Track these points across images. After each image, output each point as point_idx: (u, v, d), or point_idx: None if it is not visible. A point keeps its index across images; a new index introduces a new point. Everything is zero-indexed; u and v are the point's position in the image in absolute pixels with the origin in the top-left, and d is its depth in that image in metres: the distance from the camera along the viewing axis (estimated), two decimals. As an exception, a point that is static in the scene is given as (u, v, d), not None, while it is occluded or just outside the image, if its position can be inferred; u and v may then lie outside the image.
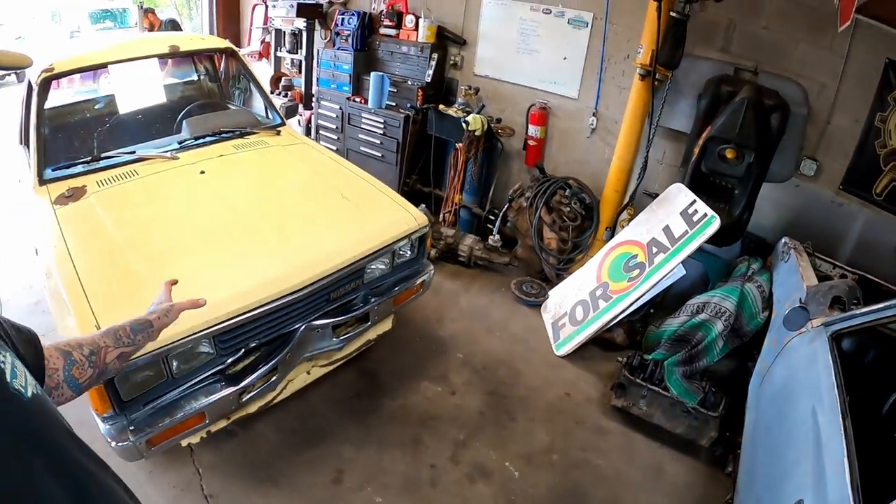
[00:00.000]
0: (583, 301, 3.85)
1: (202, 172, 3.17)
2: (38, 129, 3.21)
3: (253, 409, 2.71)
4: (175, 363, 2.30)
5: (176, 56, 3.90)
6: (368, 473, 2.81)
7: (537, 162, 4.59)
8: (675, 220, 3.58)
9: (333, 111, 5.29)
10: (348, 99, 5.18)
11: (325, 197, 3.14)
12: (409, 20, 4.93)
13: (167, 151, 3.30)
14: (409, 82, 4.98)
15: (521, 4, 4.59)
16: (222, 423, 2.65)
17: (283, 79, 5.85)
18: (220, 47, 4.06)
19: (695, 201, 3.50)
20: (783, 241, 3.43)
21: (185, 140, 3.46)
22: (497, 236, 4.46)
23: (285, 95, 5.67)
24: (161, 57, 3.83)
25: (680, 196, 3.66)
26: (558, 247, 4.25)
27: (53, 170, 3.14)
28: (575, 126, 4.58)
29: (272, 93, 4.99)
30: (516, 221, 4.41)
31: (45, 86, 3.28)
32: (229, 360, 2.49)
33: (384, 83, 4.89)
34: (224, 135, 3.55)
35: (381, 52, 5.20)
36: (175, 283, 1.56)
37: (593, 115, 4.44)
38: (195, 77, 4.57)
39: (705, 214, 3.38)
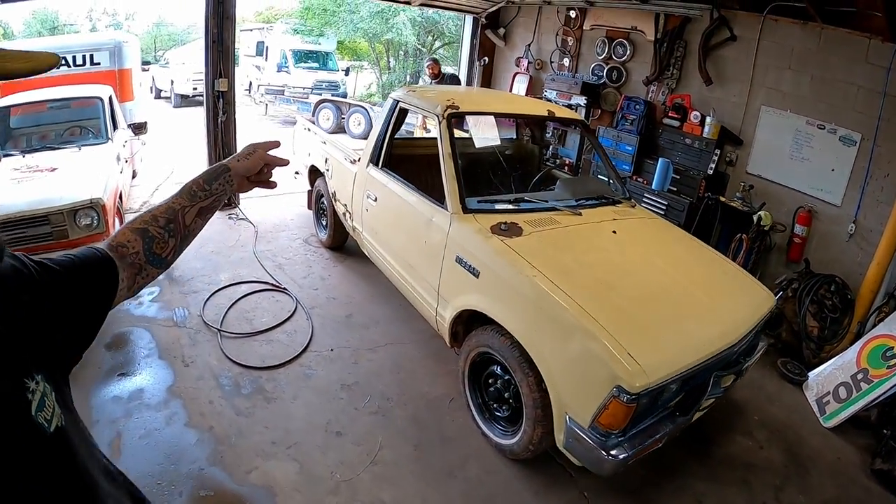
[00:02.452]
0: (845, 383, 4.37)
1: (614, 232, 3.64)
2: (454, 159, 3.58)
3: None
4: (662, 395, 2.69)
5: (552, 120, 4.50)
6: (720, 506, 3.32)
7: (805, 257, 5.20)
8: (928, 321, 4.14)
9: (612, 186, 5.95)
10: (630, 178, 5.84)
11: (710, 268, 3.67)
12: (694, 116, 5.65)
13: (570, 207, 3.77)
14: (693, 172, 5.63)
15: (798, 118, 5.29)
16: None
17: (550, 147, 6.57)
18: (576, 119, 4.60)
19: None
20: None
21: (580, 199, 3.93)
22: (766, 320, 5.03)
23: (554, 163, 6.35)
24: (541, 119, 4.45)
25: (930, 301, 4.24)
26: (818, 334, 4.84)
27: (478, 202, 3.54)
28: (834, 230, 5.18)
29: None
30: (783, 308, 5.00)
31: (450, 120, 3.72)
32: (676, 398, 2.87)
33: (669, 169, 5.55)
34: (603, 200, 4.05)
35: (663, 139, 5.90)
36: (278, 144, 1.38)
37: (853, 222, 5.02)
38: (513, 136, 5.26)
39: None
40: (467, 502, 3.02)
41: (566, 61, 7.40)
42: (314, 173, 5.90)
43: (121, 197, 5.19)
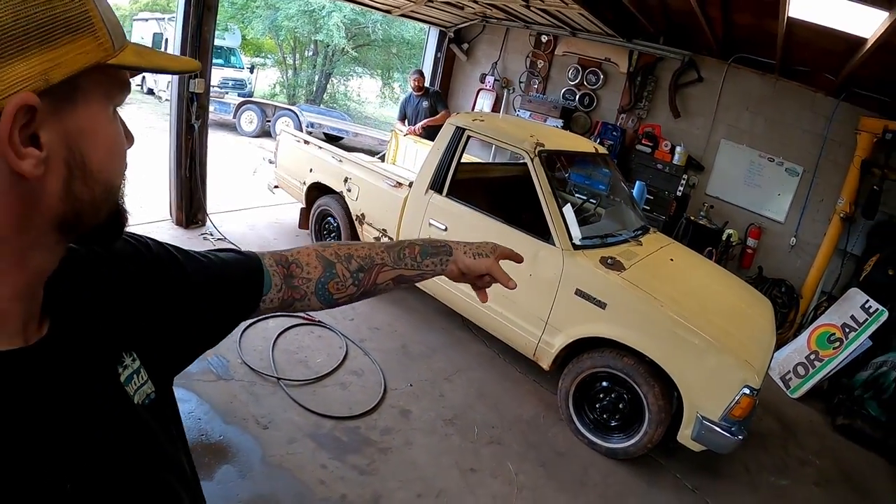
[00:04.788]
0: (802, 362, 5.43)
1: (671, 260, 4.25)
2: (556, 197, 3.85)
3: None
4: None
5: (595, 156, 4.92)
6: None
7: (759, 265, 6.33)
8: (858, 312, 5.30)
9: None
10: (608, 197, 6.49)
11: (733, 284, 4.47)
12: (665, 144, 6.53)
13: (633, 238, 4.28)
14: (664, 193, 6.50)
15: (751, 151, 6.40)
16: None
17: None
18: (603, 153, 5.10)
19: (868, 300, 5.25)
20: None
21: (636, 230, 4.46)
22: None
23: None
24: (590, 156, 4.87)
25: (857, 297, 5.40)
26: (773, 327, 5.98)
27: (582, 239, 3.81)
28: (778, 242, 6.38)
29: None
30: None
31: (542, 157, 3.95)
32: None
33: (644, 191, 6.36)
34: (644, 229, 4.60)
35: (635, 163, 6.73)
36: (521, 260, 1.21)
37: (794, 236, 6.24)
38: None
39: (877, 308, 5.15)
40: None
41: (535, 83, 7.91)
42: (314, 191, 5.63)
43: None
